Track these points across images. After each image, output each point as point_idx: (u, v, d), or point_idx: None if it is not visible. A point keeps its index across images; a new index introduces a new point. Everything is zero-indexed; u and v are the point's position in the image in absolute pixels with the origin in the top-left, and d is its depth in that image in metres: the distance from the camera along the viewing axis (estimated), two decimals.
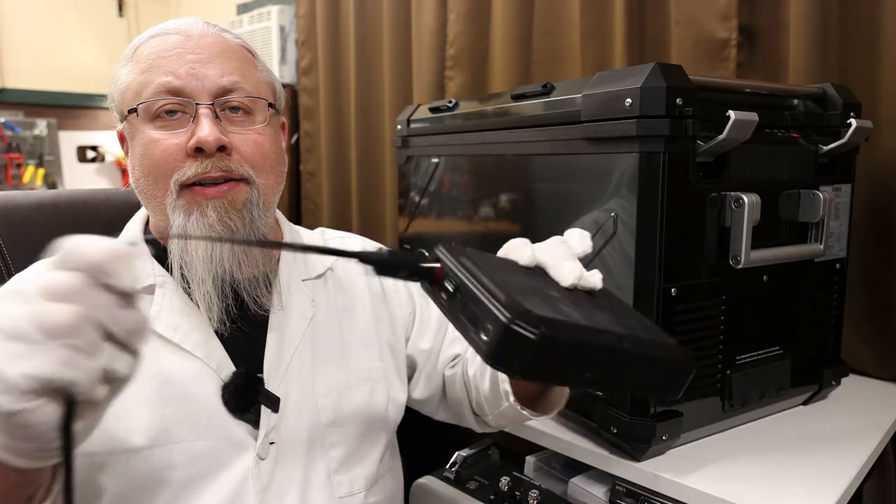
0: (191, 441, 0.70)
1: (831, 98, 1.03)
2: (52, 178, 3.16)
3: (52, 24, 3.13)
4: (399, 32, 1.98)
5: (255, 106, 0.77)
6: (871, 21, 1.16)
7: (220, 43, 0.76)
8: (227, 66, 0.75)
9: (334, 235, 0.98)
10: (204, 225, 0.71)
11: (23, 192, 0.96)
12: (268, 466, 0.73)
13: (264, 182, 0.76)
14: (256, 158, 0.75)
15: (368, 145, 2.16)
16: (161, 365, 0.72)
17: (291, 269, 0.84)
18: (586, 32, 1.52)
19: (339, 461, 0.79)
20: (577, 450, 0.98)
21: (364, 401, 0.83)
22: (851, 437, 0.97)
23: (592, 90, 0.90)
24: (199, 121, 0.72)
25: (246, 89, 0.75)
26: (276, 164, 0.79)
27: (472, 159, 1.22)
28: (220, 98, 0.74)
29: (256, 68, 0.80)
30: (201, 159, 0.72)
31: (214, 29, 0.78)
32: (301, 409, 0.77)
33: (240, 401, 0.72)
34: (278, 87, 0.83)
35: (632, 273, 0.87)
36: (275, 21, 2.46)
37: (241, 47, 0.79)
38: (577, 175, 0.96)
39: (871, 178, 1.17)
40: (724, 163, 0.90)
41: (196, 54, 0.74)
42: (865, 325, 1.22)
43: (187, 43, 0.74)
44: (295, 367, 0.78)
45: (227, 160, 0.73)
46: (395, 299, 0.93)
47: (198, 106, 0.72)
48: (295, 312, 0.81)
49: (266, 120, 0.77)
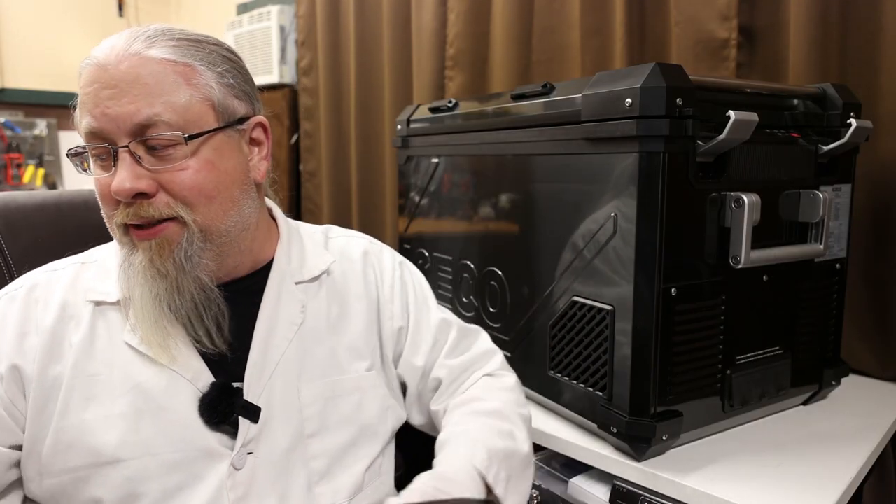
0: (166, 453, 0.70)
1: (831, 98, 1.03)
2: (52, 178, 3.16)
3: (52, 24, 3.13)
4: (399, 32, 1.98)
5: (177, 138, 0.69)
6: (871, 21, 1.16)
7: (136, 68, 0.67)
8: (143, 99, 0.67)
9: (339, 234, 0.94)
10: (138, 265, 0.70)
11: (25, 193, 0.96)
12: (244, 477, 0.72)
13: (202, 217, 0.71)
14: (186, 195, 0.70)
15: (368, 145, 2.16)
16: (136, 378, 0.71)
17: (284, 270, 0.82)
18: (586, 32, 1.52)
19: (320, 473, 0.77)
20: (577, 450, 0.98)
21: (351, 410, 0.81)
22: (851, 437, 0.97)
23: (592, 90, 0.90)
24: (118, 166, 0.68)
25: (165, 122, 0.68)
26: (220, 189, 0.72)
27: (472, 159, 1.22)
28: (139, 137, 0.68)
29: (189, 84, 0.70)
30: (123, 206, 0.69)
31: (139, 44, 0.69)
32: (284, 419, 0.76)
33: (214, 413, 0.71)
34: (220, 98, 0.72)
35: (632, 273, 0.87)
36: (275, 21, 2.46)
37: (168, 63, 0.69)
38: (577, 175, 0.96)
39: (871, 178, 1.17)
40: (724, 163, 0.90)
41: (110, 88, 0.67)
42: (865, 325, 1.22)
43: (103, 75, 0.68)
44: (280, 376, 0.77)
45: (149, 206, 0.69)
46: (386, 310, 0.89)
47: (117, 149, 0.68)
48: (283, 318, 0.79)
49: (194, 149, 0.70)
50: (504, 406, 0.84)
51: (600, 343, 0.93)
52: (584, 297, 0.96)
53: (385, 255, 0.94)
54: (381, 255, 0.94)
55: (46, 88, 3.11)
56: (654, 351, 0.87)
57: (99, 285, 0.76)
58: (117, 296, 0.74)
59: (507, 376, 0.92)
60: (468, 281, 1.26)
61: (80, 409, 0.70)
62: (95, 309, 0.74)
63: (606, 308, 0.92)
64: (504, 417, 0.82)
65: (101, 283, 0.76)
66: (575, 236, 0.97)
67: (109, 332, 0.73)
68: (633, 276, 0.87)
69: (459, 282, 1.29)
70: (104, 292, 0.75)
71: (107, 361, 0.72)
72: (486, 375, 0.91)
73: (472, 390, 0.88)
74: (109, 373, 0.71)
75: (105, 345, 0.73)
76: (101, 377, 0.71)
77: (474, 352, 0.93)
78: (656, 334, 0.86)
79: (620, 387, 0.91)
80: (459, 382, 0.89)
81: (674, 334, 0.88)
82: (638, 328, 0.87)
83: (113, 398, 0.70)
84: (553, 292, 1.03)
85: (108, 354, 0.72)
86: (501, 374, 0.92)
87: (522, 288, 1.11)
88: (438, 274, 1.36)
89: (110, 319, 0.74)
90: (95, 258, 0.80)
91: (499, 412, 0.83)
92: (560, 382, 1.03)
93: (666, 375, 0.88)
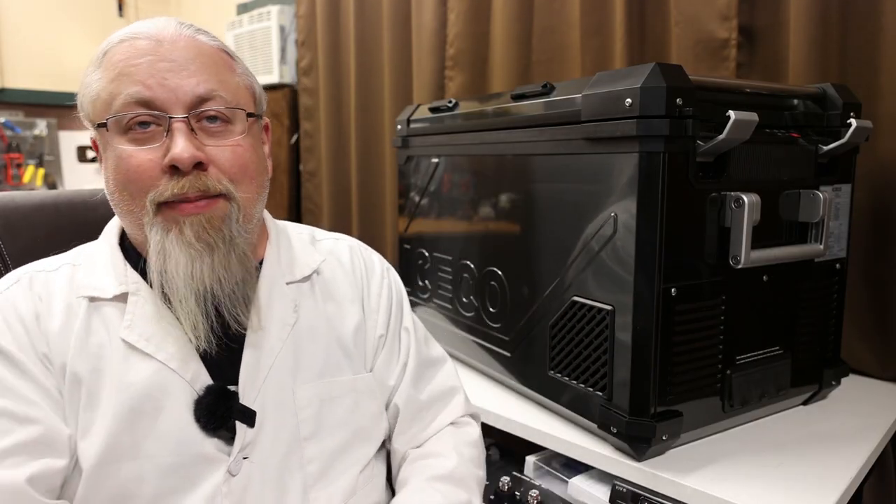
0: (161, 457, 0.68)
1: (831, 98, 1.03)
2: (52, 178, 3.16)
3: (52, 24, 3.13)
4: (399, 32, 1.98)
5: (233, 115, 0.72)
6: (871, 21, 1.16)
7: (194, 47, 0.71)
8: (203, 74, 0.70)
9: (325, 236, 0.92)
10: (182, 242, 0.69)
11: (23, 193, 0.96)
12: (240, 482, 0.70)
13: (244, 195, 0.73)
14: (235, 171, 0.71)
15: (368, 145, 2.16)
16: (133, 377, 0.69)
17: (275, 270, 0.80)
18: (586, 32, 1.52)
19: (316, 476, 0.75)
20: (577, 450, 0.98)
21: (347, 413, 0.79)
22: (851, 437, 0.97)
23: (592, 90, 0.90)
24: (174, 136, 0.68)
25: (223, 98, 0.71)
26: (257, 174, 0.75)
27: (472, 159, 1.22)
28: (196, 109, 0.69)
29: (235, 72, 0.75)
30: (177, 178, 0.68)
31: (189, 31, 0.72)
32: (279, 422, 0.74)
33: (212, 418, 0.70)
34: (258, 90, 0.79)
35: (632, 273, 0.87)
36: (275, 21, 2.46)
37: (219, 50, 0.74)
38: (577, 175, 0.96)
39: (871, 178, 1.17)
40: (724, 163, 0.90)
41: (168, 61, 0.69)
42: (865, 325, 1.22)
43: (158, 49, 0.69)
44: (273, 378, 0.75)
45: (204, 177, 0.69)
46: (372, 318, 0.86)
47: (171, 120, 0.68)
48: (276, 318, 0.77)
49: (245, 129, 0.73)
50: (464, 468, 0.82)
51: (600, 343, 0.93)
52: (584, 297, 0.96)
53: (374, 260, 0.92)
54: (370, 260, 0.91)
55: (46, 88, 3.12)
56: (654, 351, 0.87)
57: (92, 280, 0.74)
58: (113, 291, 0.73)
59: (470, 427, 0.89)
60: (468, 281, 1.26)
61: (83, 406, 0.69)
62: (90, 305, 0.73)
63: (606, 308, 0.92)
64: (461, 483, 0.80)
65: (94, 280, 0.74)
66: (575, 236, 0.97)
67: (106, 328, 0.72)
68: (633, 276, 0.87)
69: (459, 282, 1.29)
70: (99, 288, 0.73)
71: (103, 358, 0.70)
72: (451, 424, 0.88)
73: (434, 443, 0.85)
74: (105, 370, 0.70)
75: (101, 341, 0.71)
76: (99, 374, 0.70)
77: (437, 386, 0.89)
78: (656, 334, 0.86)
79: (620, 387, 0.91)
80: (422, 423, 0.86)
81: (674, 334, 0.88)
82: (638, 328, 0.87)
83: (108, 397, 0.69)
84: (553, 292, 1.03)
85: (105, 350, 0.71)
86: (465, 422, 0.90)
87: (522, 288, 1.11)
88: (438, 274, 1.36)
89: (106, 315, 0.72)
90: (81, 259, 0.77)
91: (458, 479, 0.80)
92: (560, 382, 1.03)
93: (666, 375, 0.88)
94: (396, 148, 1.47)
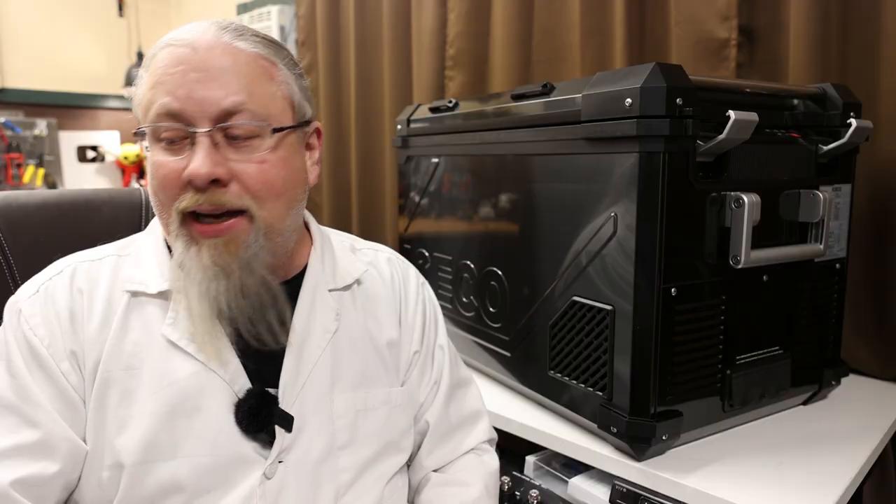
0: (198, 456, 0.68)
1: (831, 98, 1.03)
2: (52, 178, 3.16)
3: (52, 24, 3.13)
4: (399, 32, 1.98)
5: (262, 129, 0.70)
6: (871, 21, 1.16)
7: (228, 55, 0.69)
8: (233, 85, 0.68)
9: (365, 246, 0.92)
10: (199, 263, 0.68)
11: (25, 192, 0.96)
12: (274, 486, 0.70)
13: (268, 213, 0.71)
14: (259, 188, 0.70)
15: (368, 145, 2.16)
16: (174, 375, 0.70)
17: (318, 277, 0.80)
18: (586, 32, 1.52)
19: (347, 486, 0.75)
20: (577, 450, 0.98)
21: (380, 425, 0.79)
22: (851, 437, 0.97)
23: (592, 90, 0.90)
24: (195, 150, 0.67)
25: (251, 111, 0.69)
26: (287, 188, 0.73)
27: (472, 159, 1.22)
28: (222, 123, 0.68)
29: (273, 80, 0.72)
30: (194, 191, 0.68)
31: (228, 36, 0.70)
32: (316, 428, 0.74)
33: (254, 421, 0.70)
34: (298, 97, 0.75)
35: (632, 273, 0.87)
36: (275, 21, 2.46)
37: (257, 57, 0.71)
38: (577, 175, 0.96)
39: (871, 178, 1.17)
40: (724, 163, 0.90)
41: (199, 72, 0.67)
42: (865, 325, 1.22)
43: (192, 58, 0.68)
44: (312, 385, 0.75)
45: (222, 194, 0.68)
46: (407, 333, 0.87)
47: (195, 133, 0.67)
48: (318, 325, 0.77)
49: (275, 143, 0.71)
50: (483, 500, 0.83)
51: (600, 343, 0.93)
52: (584, 297, 0.96)
53: (410, 275, 0.91)
54: (407, 274, 0.91)
55: (46, 88, 3.12)
56: (654, 351, 0.87)
57: (137, 274, 0.74)
58: (157, 287, 0.72)
59: (490, 456, 0.90)
60: (468, 281, 1.26)
61: (115, 404, 0.68)
62: (132, 300, 0.72)
63: (606, 308, 0.92)
64: None
65: (138, 273, 0.74)
66: (575, 236, 0.97)
67: (145, 325, 0.72)
68: (633, 276, 0.87)
69: (459, 282, 1.29)
70: (142, 282, 0.73)
71: (141, 355, 0.70)
72: (473, 451, 0.89)
73: (459, 470, 0.87)
74: (144, 367, 0.70)
75: (139, 337, 0.71)
76: (135, 371, 0.70)
77: (466, 409, 0.91)
78: (656, 334, 0.87)
79: (620, 386, 0.91)
80: (449, 445, 0.88)
81: (674, 334, 0.88)
82: (638, 328, 0.87)
83: (147, 394, 0.69)
84: (553, 292, 1.03)
85: (142, 348, 0.70)
86: (485, 450, 0.91)
87: (522, 288, 1.11)
88: (438, 274, 1.36)
89: (147, 311, 0.72)
90: (130, 250, 0.77)
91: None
92: (560, 382, 1.03)
93: (666, 375, 0.88)
94: (396, 148, 1.47)
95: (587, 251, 0.95)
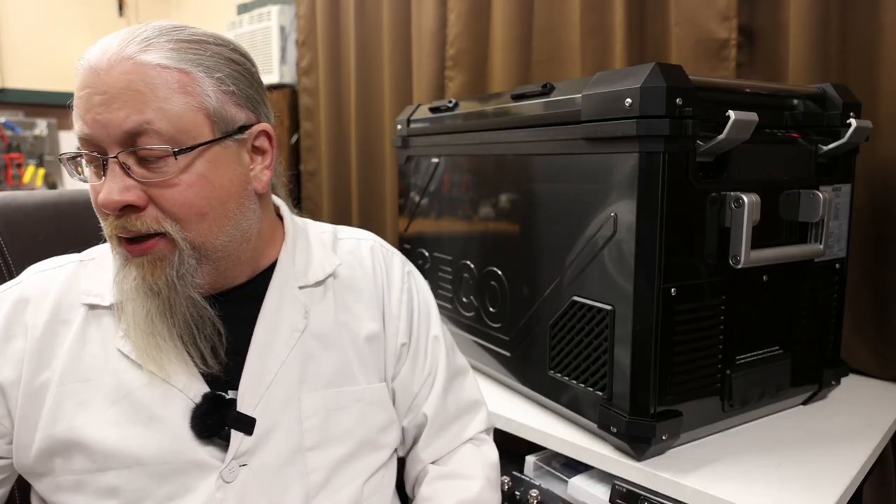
0: (156, 464, 0.68)
1: (831, 98, 1.03)
2: (52, 178, 3.16)
3: (52, 24, 3.13)
4: (399, 32, 1.98)
5: (168, 152, 0.65)
6: (871, 21, 1.16)
7: (128, 73, 0.63)
8: (134, 105, 0.63)
9: (348, 235, 0.89)
10: (130, 281, 0.68)
11: (25, 192, 0.96)
12: (236, 490, 0.70)
13: (195, 234, 0.67)
14: (177, 211, 0.66)
15: (368, 145, 2.16)
16: (128, 386, 0.70)
17: (288, 273, 0.79)
18: (586, 32, 1.52)
19: (318, 486, 0.74)
20: (577, 450, 0.98)
21: (354, 423, 0.77)
22: (851, 437, 0.97)
23: (592, 90, 0.90)
24: (106, 176, 0.65)
25: (157, 130, 0.64)
26: (213, 205, 0.68)
27: (472, 159, 1.22)
28: (130, 146, 0.64)
29: (187, 92, 0.65)
30: (112, 217, 0.66)
31: (133, 48, 0.65)
32: (283, 430, 0.73)
33: (204, 426, 0.69)
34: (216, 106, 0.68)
35: (632, 273, 0.87)
36: (275, 21, 2.46)
37: (161, 69, 0.64)
38: (577, 175, 0.96)
39: (871, 178, 1.17)
40: (724, 163, 0.90)
41: (100, 94, 0.63)
42: (865, 325, 1.22)
43: (94, 80, 0.64)
44: (279, 385, 0.74)
45: (137, 219, 0.66)
46: (392, 325, 0.84)
47: (105, 159, 0.65)
48: (285, 323, 0.76)
49: (188, 163, 0.66)
50: (488, 494, 0.83)
51: (600, 343, 0.93)
52: (584, 297, 0.96)
53: (395, 264, 0.89)
54: (391, 263, 0.88)
55: (46, 88, 3.12)
56: (654, 351, 0.87)
57: (94, 287, 0.74)
58: (111, 299, 0.72)
59: (489, 447, 0.90)
60: (468, 281, 1.26)
61: (70, 415, 0.69)
62: (89, 312, 0.73)
63: (606, 308, 0.92)
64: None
65: (96, 285, 0.74)
66: (575, 236, 0.97)
67: (102, 337, 0.72)
68: (633, 276, 0.87)
69: (459, 282, 1.29)
70: (98, 295, 0.73)
71: (98, 367, 0.70)
72: (471, 441, 0.89)
73: (459, 463, 0.86)
74: (101, 379, 0.70)
75: (97, 349, 0.71)
76: (93, 383, 0.70)
77: (464, 399, 0.90)
78: (656, 334, 0.87)
79: (620, 387, 0.91)
80: (447, 437, 0.87)
81: (674, 334, 0.88)
82: (638, 328, 0.87)
83: (104, 405, 0.69)
84: (553, 292, 1.03)
85: (100, 360, 0.71)
86: (483, 440, 0.90)
87: (522, 288, 1.11)
88: (438, 274, 1.36)
89: (103, 324, 0.72)
90: (94, 255, 0.78)
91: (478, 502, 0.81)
92: (560, 382, 1.03)
93: (666, 375, 0.88)
94: (396, 148, 1.47)
95: (587, 251, 0.95)
